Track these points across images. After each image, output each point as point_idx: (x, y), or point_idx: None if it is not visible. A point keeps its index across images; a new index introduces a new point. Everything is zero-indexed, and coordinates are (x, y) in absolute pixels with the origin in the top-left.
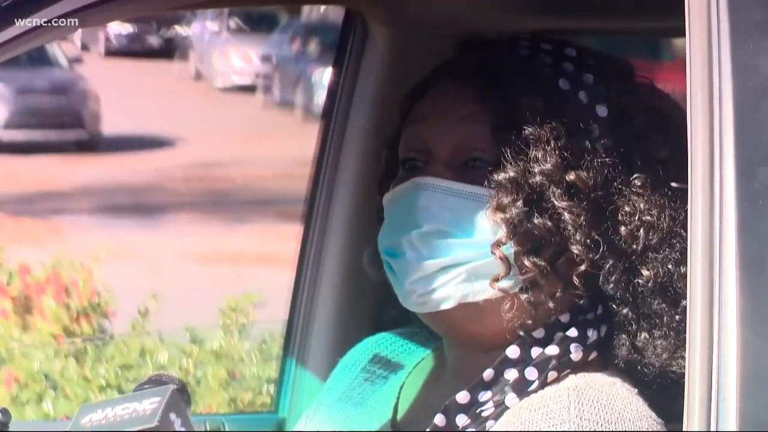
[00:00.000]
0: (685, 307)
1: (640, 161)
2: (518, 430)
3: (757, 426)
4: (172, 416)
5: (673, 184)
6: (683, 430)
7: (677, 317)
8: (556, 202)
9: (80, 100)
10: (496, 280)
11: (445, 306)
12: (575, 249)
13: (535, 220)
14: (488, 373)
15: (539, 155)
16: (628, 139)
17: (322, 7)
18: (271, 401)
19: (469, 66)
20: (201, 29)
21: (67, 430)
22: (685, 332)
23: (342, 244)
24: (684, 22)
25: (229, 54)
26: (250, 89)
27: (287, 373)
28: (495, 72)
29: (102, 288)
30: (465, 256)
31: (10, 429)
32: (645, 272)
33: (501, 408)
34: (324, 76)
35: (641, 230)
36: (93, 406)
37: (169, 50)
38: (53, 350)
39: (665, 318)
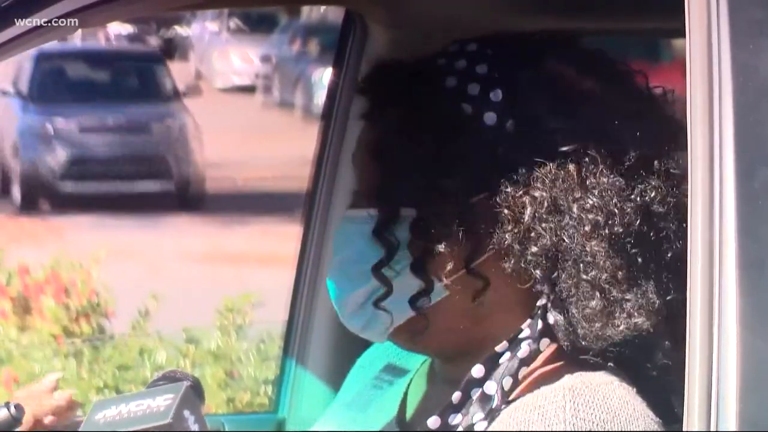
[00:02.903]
0: (599, 272)
1: (531, 136)
2: (513, 430)
3: (756, 426)
4: (186, 413)
5: (563, 149)
6: (683, 430)
7: (595, 283)
8: (429, 209)
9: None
10: (376, 302)
11: (386, 334)
12: (460, 248)
13: (418, 232)
14: (456, 396)
15: (412, 167)
16: (522, 116)
17: (322, 8)
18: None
19: (365, 92)
20: (201, 30)
21: (81, 427)
22: (609, 295)
23: None
24: (684, 22)
25: (228, 54)
26: (249, 89)
27: (287, 373)
28: (381, 93)
29: (101, 288)
30: (374, 283)
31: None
32: (533, 248)
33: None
34: (324, 76)
35: (525, 206)
36: (107, 402)
37: (169, 51)
38: (53, 350)
39: (583, 287)
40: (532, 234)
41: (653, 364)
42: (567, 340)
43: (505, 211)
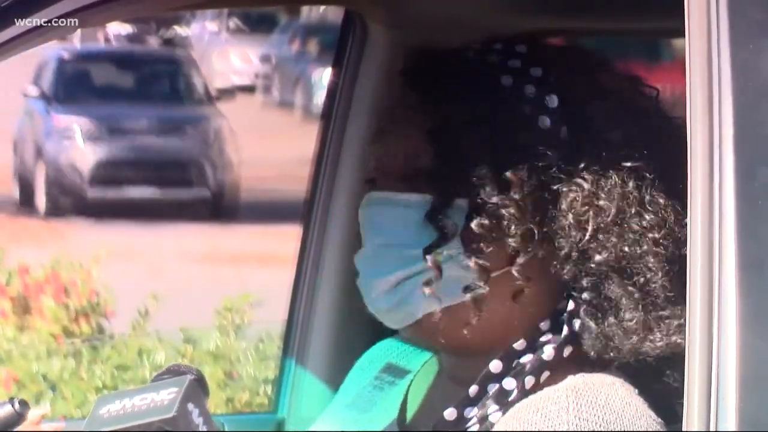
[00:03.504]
0: (649, 289)
1: (589, 145)
2: (517, 431)
3: (756, 426)
4: (190, 406)
5: (626, 164)
6: (683, 430)
7: (641, 298)
8: (486, 199)
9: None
10: (428, 284)
11: (411, 319)
12: (512, 242)
13: (474, 221)
14: (473, 389)
15: (476, 157)
16: (579, 125)
17: (322, 8)
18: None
19: (412, 78)
20: (200, 30)
21: (85, 423)
22: (651, 312)
23: (342, 244)
24: (683, 22)
25: (228, 54)
26: (249, 89)
27: (286, 373)
28: (432, 80)
29: (101, 288)
30: (418, 267)
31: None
32: (597, 257)
33: (485, 424)
34: (323, 76)
35: (589, 215)
36: (111, 396)
37: None
38: (52, 350)
39: (628, 300)
40: (593, 244)
41: (653, 365)
42: (594, 349)
43: (570, 217)
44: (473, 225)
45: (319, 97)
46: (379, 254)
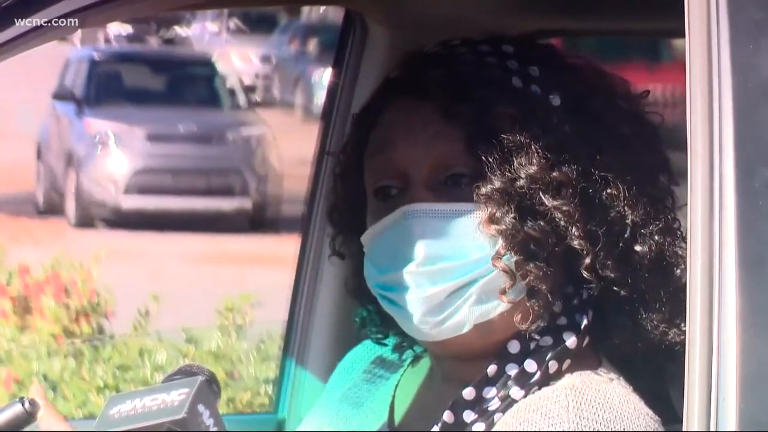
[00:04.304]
0: (678, 276)
1: (606, 142)
2: (518, 430)
3: (757, 426)
4: (201, 408)
5: (640, 157)
6: (683, 430)
7: (671, 287)
8: (548, 203)
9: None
10: (504, 292)
11: (463, 330)
12: (576, 244)
13: (529, 224)
14: (492, 369)
15: (522, 160)
16: (588, 122)
17: (322, 8)
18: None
19: (423, 82)
20: (201, 30)
21: (96, 423)
22: (678, 300)
23: None
24: (683, 22)
25: (228, 54)
26: (250, 89)
27: (287, 373)
28: (451, 84)
29: (102, 288)
30: (470, 277)
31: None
32: (639, 248)
33: (508, 401)
34: (324, 76)
35: (627, 209)
36: (121, 396)
37: None
38: (53, 350)
39: (661, 291)
40: (634, 236)
41: (651, 364)
42: (624, 338)
43: (612, 213)
44: (530, 228)
45: (320, 98)
46: (429, 266)
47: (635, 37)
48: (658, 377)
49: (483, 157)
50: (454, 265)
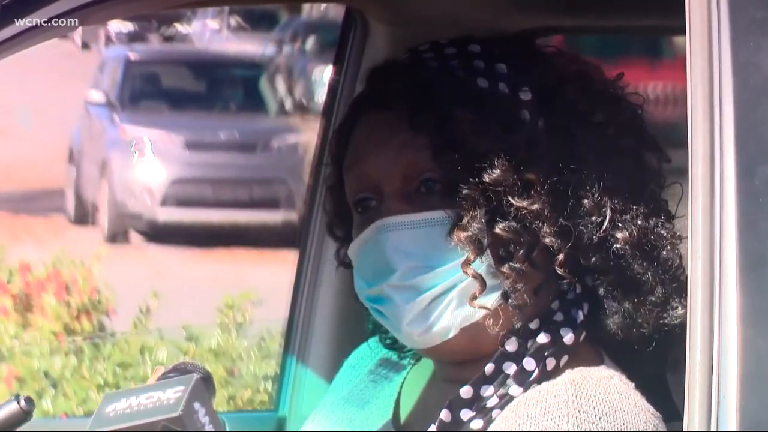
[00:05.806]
0: (665, 258)
1: (580, 131)
2: (517, 425)
3: (757, 425)
4: (196, 405)
5: (615, 142)
6: (683, 429)
7: (659, 270)
8: (516, 204)
9: None
10: (474, 298)
11: (449, 335)
12: (548, 241)
13: (500, 226)
14: (489, 368)
15: (485, 164)
16: (560, 113)
17: (323, 6)
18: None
19: (386, 94)
20: (201, 27)
21: (91, 421)
22: (669, 282)
23: None
24: (684, 18)
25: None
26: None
27: (287, 371)
28: (413, 93)
29: (102, 286)
30: (448, 284)
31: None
32: (620, 235)
33: (506, 399)
34: (324, 74)
35: (604, 197)
36: (117, 394)
37: None
38: (54, 348)
39: (649, 275)
40: (613, 225)
41: (652, 361)
42: (619, 328)
43: (586, 203)
44: (500, 231)
45: (320, 96)
46: (407, 279)
47: (636, 35)
48: (659, 374)
49: (448, 164)
50: (432, 275)
